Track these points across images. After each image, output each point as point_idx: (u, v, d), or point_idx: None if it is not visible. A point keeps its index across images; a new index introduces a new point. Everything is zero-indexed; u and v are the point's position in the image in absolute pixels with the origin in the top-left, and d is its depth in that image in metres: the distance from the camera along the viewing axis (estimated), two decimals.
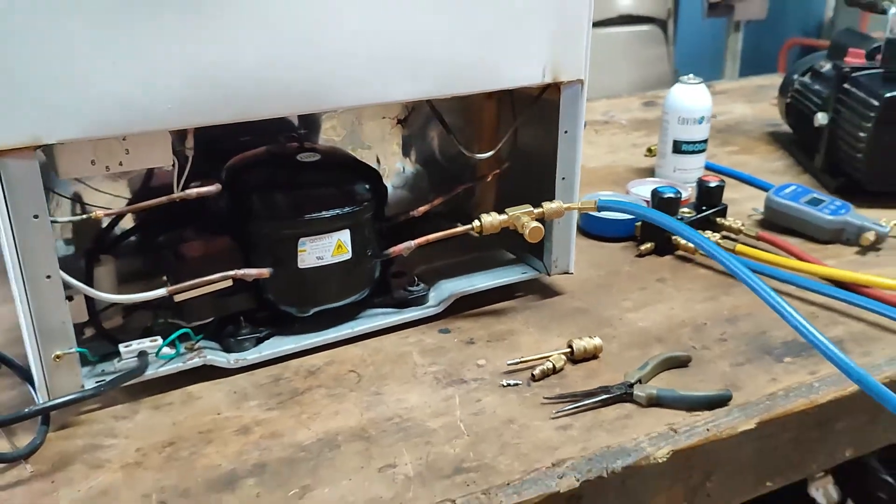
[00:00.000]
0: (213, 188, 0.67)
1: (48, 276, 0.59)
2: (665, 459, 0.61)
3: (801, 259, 0.91)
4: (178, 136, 0.66)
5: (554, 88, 0.77)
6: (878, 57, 1.11)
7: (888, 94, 1.02)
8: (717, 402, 0.67)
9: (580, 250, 0.96)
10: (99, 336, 0.70)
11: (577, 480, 0.58)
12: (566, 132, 0.79)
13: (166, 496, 0.57)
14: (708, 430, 0.64)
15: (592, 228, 1.01)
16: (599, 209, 0.78)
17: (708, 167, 1.20)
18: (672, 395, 0.67)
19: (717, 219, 0.99)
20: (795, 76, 1.30)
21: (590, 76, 0.78)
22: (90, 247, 0.73)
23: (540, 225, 0.75)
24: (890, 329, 0.79)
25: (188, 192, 0.66)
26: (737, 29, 2.61)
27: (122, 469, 0.60)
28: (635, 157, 1.31)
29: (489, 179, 0.87)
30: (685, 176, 1.14)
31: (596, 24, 2.90)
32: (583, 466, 0.59)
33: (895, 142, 1.04)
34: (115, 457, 0.61)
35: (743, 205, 1.10)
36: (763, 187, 1.12)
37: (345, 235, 0.72)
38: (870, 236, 0.95)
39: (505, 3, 0.71)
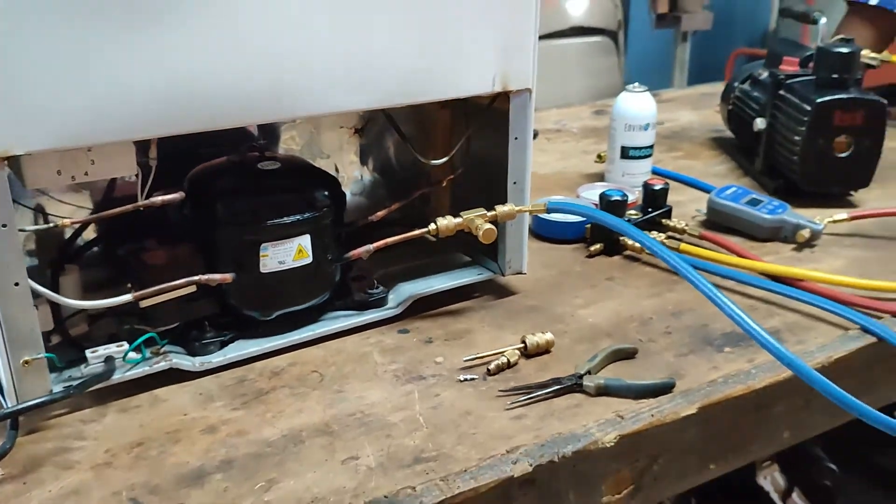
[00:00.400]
0: (176, 196, 0.69)
1: (16, 284, 0.61)
2: (613, 444, 0.65)
3: (741, 256, 0.96)
4: (142, 146, 0.68)
5: (504, 97, 0.81)
6: (811, 65, 1.17)
7: (819, 100, 1.09)
8: (662, 389, 0.71)
9: (534, 252, 1.00)
10: (65, 343, 0.72)
11: (531, 465, 0.62)
12: (516, 138, 0.83)
13: (136, 493, 0.59)
14: (653, 415, 0.68)
15: (545, 231, 1.05)
16: (549, 211, 0.82)
17: (654, 171, 1.25)
18: (619, 384, 0.71)
19: (663, 220, 1.04)
20: (736, 84, 1.37)
21: (544, 86, 0.82)
22: (55, 256, 0.75)
23: (493, 227, 0.78)
24: (822, 319, 0.84)
25: (152, 200, 0.68)
26: (684, 39, 2.69)
27: (91, 469, 0.62)
28: (586, 163, 1.36)
29: (444, 185, 0.91)
30: (633, 180, 1.19)
31: (548, 36, 2.99)
32: (535, 452, 0.63)
33: (827, 145, 1.10)
34: (85, 458, 0.63)
35: (688, 206, 1.15)
36: (706, 189, 1.17)
37: (305, 240, 0.75)
38: (805, 233, 1.00)
39: (455, 16, 0.74)
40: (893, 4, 1.51)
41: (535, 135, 1.54)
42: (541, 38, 2.91)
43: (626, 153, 1.20)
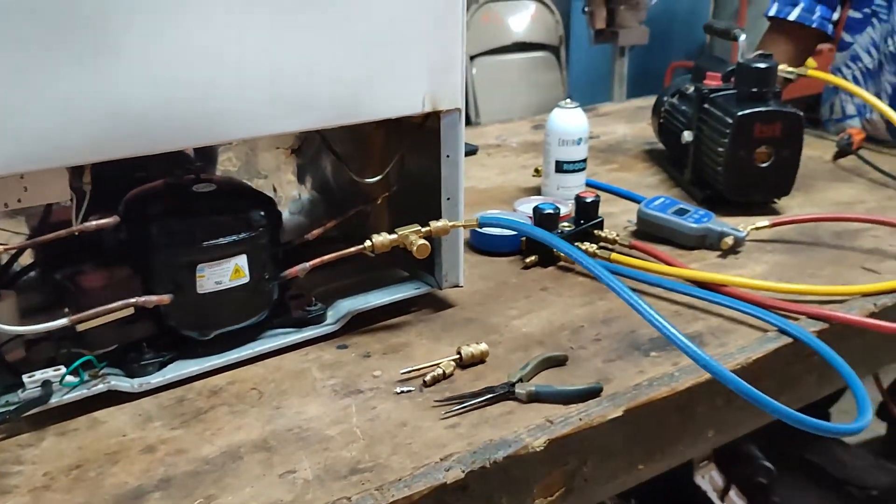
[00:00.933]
0: (111, 220, 0.71)
1: None
2: (542, 448, 0.68)
3: (668, 264, 1.00)
4: (76, 171, 0.69)
5: (435, 116, 0.84)
6: (733, 79, 1.23)
7: (740, 113, 1.14)
8: (589, 394, 0.74)
9: (472, 265, 1.03)
10: (2, 369, 0.72)
11: (463, 472, 0.64)
12: (448, 156, 0.86)
13: None
14: (580, 419, 0.71)
15: (483, 245, 1.08)
16: (481, 226, 0.85)
17: (589, 184, 1.29)
18: (549, 390, 0.74)
19: (595, 231, 1.07)
20: (665, 98, 1.42)
21: (489, 101, 0.85)
22: None
23: (426, 242, 0.81)
24: (743, 322, 0.88)
25: (87, 224, 0.69)
26: (622, 54, 2.76)
27: (29, 493, 0.62)
28: (524, 177, 1.40)
29: (379, 202, 0.93)
30: (568, 193, 1.23)
31: (492, 52, 3.05)
32: (468, 459, 0.65)
33: (749, 156, 1.15)
34: (23, 482, 0.63)
35: (620, 217, 1.19)
36: (637, 200, 1.21)
37: (241, 260, 0.76)
38: (729, 241, 1.05)
39: (384, 39, 0.77)
40: (810, 20, 1.59)
41: (476, 150, 1.59)
42: (484, 53, 3.00)
43: (560, 167, 1.24)
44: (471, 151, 1.54)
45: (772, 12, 1.63)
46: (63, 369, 0.71)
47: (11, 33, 0.58)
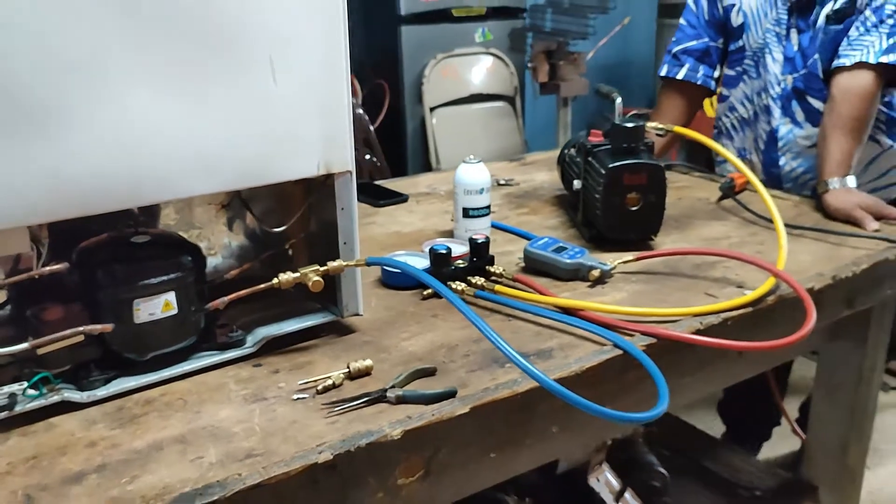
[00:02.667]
0: (60, 267, 0.90)
1: None
2: (399, 437, 0.86)
3: (540, 293, 1.20)
4: (37, 227, 0.89)
5: (331, 177, 1.04)
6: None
7: (612, 165, 1.35)
8: (446, 396, 0.93)
9: (380, 298, 1.23)
10: None
11: (332, 455, 0.83)
12: (342, 209, 1.05)
13: (30, 490, 0.78)
14: (433, 415, 0.89)
15: (392, 280, 1.27)
16: (368, 265, 1.05)
17: (494, 226, 1.49)
18: (413, 393, 0.93)
19: (487, 266, 1.27)
20: (565, 150, 1.63)
21: (451, 147, 1.04)
22: None
23: (321, 279, 1.00)
24: (588, 339, 1.07)
25: (41, 270, 0.89)
26: (565, 104, 2.99)
27: None
28: (444, 221, 1.60)
29: (295, 244, 1.13)
30: (474, 235, 1.43)
31: (453, 103, 3.33)
32: (337, 445, 0.84)
33: (621, 201, 1.35)
34: None
35: (516, 255, 1.38)
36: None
37: (171, 296, 0.96)
38: (595, 273, 1.25)
39: (284, 117, 0.97)
40: (695, 77, 1.82)
41: (406, 199, 1.79)
42: (446, 104, 3.27)
43: (467, 213, 1.44)
44: (402, 200, 1.74)
45: (662, 72, 1.86)
46: (26, 384, 0.90)
47: None
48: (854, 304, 1.35)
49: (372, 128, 3.07)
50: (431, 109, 3.44)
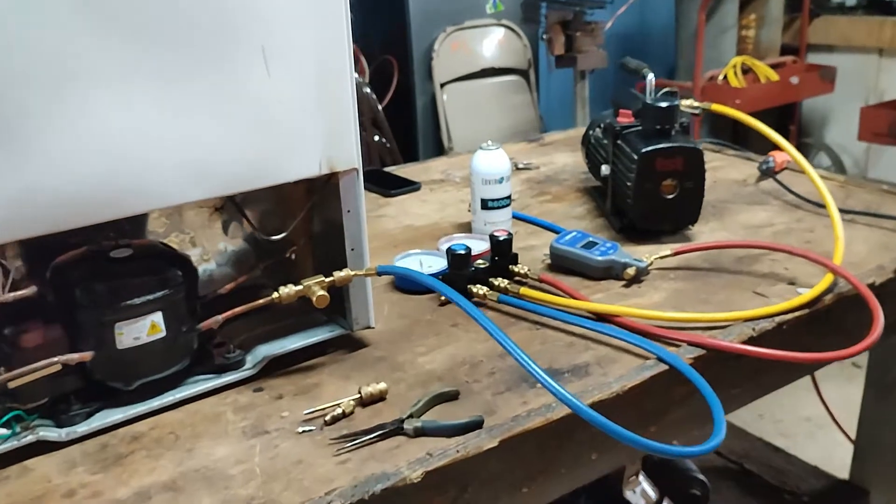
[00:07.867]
0: (27, 291, 0.79)
1: None
2: (419, 479, 0.75)
3: (571, 296, 1.08)
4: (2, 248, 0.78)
5: (336, 176, 0.92)
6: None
7: (644, 150, 1.22)
8: (471, 427, 0.82)
9: (393, 304, 1.11)
10: None
11: None
12: (349, 211, 0.94)
13: None
14: (458, 451, 0.78)
15: (405, 284, 1.16)
16: (379, 274, 0.93)
17: (515, 217, 1.37)
18: (433, 425, 0.82)
19: (510, 266, 1.15)
20: (591, 131, 1.50)
21: (462, 125, 0.93)
22: None
23: (325, 294, 0.89)
24: (628, 350, 0.96)
25: (6, 296, 0.78)
26: (582, 77, 2.85)
27: None
28: (460, 212, 1.48)
29: (299, 249, 1.02)
30: (494, 228, 1.31)
31: (464, 78, 3.16)
32: (348, 493, 0.73)
33: (655, 189, 1.23)
34: None
35: (541, 250, 1.26)
36: (558, 232, 1.29)
37: (157, 317, 0.85)
38: (631, 271, 1.13)
39: (281, 111, 0.85)
40: None
41: (419, 187, 1.67)
42: (456, 80, 3.11)
43: (485, 204, 1.32)
44: (414, 188, 1.62)
45: None
46: None
47: None
48: None
49: (380, 107, 2.93)
50: (442, 85, 3.30)
